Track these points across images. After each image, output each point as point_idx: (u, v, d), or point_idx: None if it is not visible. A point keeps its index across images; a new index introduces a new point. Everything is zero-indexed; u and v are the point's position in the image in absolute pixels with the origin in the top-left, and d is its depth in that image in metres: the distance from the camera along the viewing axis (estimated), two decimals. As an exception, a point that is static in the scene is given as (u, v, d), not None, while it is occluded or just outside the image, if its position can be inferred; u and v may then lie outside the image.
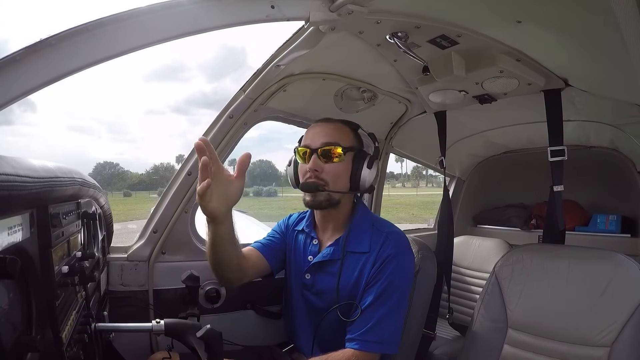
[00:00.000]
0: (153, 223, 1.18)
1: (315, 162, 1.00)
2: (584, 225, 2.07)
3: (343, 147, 1.00)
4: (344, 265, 1.00)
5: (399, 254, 0.97)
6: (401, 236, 1.02)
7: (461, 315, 1.83)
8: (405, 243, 1.01)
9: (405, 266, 0.98)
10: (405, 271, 0.98)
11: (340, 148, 1.00)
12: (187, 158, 1.21)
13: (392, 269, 0.95)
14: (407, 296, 1.00)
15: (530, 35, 0.99)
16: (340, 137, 1.02)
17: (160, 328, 0.78)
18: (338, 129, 1.04)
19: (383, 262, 0.96)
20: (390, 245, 0.98)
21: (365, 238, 1.01)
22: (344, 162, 1.01)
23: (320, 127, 1.04)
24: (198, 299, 1.18)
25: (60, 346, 0.54)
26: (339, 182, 1.01)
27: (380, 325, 0.92)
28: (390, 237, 1.00)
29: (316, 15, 0.87)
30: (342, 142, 1.01)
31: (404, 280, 0.98)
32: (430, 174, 42.46)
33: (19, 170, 0.42)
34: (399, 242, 1.00)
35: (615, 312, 0.96)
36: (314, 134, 1.03)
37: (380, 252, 0.98)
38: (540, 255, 1.13)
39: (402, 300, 0.97)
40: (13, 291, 0.46)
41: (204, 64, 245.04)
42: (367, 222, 1.05)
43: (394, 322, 0.95)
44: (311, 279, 1.04)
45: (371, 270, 0.97)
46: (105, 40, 0.67)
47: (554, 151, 1.20)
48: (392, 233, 1.01)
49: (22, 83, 0.59)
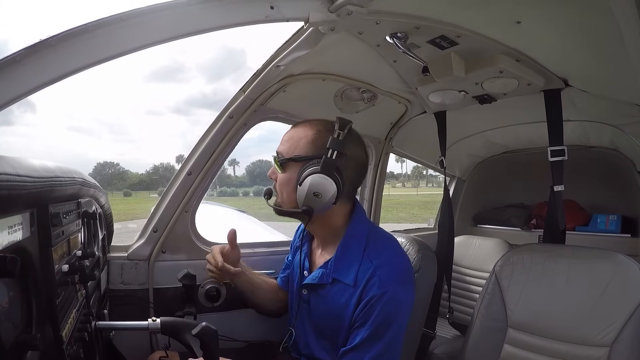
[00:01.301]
0: (153, 222, 1.19)
1: (272, 169, 0.96)
2: (584, 225, 2.07)
3: (282, 159, 0.92)
4: (331, 290, 0.93)
5: (387, 292, 0.85)
6: (392, 270, 0.88)
7: (461, 314, 1.82)
8: (396, 279, 0.87)
9: (396, 302, 0.86)
10: (396, 306, 0.86)
11: (276, 158, 0.94)
12: (187, 158, 1.22)
13: (378, 310, 0.84)
14: (402, 327, 0.88)
15: (530, 36, 0.99)
16: (289, 145, 0.93)
17: (156, 326, 0.78)
18: (295, 134, 0.94)
19: (368, 303, 0.85)
20: (377, 284, 0.85)
21: (353, 268, 0.90)
22: (287, 173, 0.92)
23: (286, 132, 0.98)
24: (194, 297, 1.18)
25: (60, 344, 0.54)
26: (284, 195, 0.94)
27: None
28: (378, 272, 0.87)
29: (316, 15, 0.88)
30: (285, 152, 0.93)
31: (395, 316, 0.86)
32: (430, 174, 42.48)
33: (19, 170, 0.43)
34: (387, 279, 0.86)
35: (615, 312, 0.96)
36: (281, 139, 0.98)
37: (366, 289, 0.86)
38: (540, 255, 1.13)
39: (395, 337, 0.86)
40: (13, 290, 0.46)
41: (203, 64, 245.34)
42: (359, 244, 0.92)
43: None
44: (307, 295, 1.00)
45: (357, 309, 0.87)
46: (106, 40, 0.67)
47: (554, 151, 1.20)
48: (382, 267, 0.87)
49: (22, 84, 0.59)
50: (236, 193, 46.84)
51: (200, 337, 0.73)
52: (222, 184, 48.66)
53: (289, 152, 0.92)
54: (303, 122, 0.97)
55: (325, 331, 0.96)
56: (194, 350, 0.74)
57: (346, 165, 0.90)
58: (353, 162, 0.92)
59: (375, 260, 0.89)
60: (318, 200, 0.87)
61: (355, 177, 0.95)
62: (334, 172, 0.87)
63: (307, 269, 1.03)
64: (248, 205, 21.95)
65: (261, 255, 1.35)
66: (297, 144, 0.92)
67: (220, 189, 45.03)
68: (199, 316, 1.18)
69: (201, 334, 0.73)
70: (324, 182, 0.86)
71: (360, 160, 0.95)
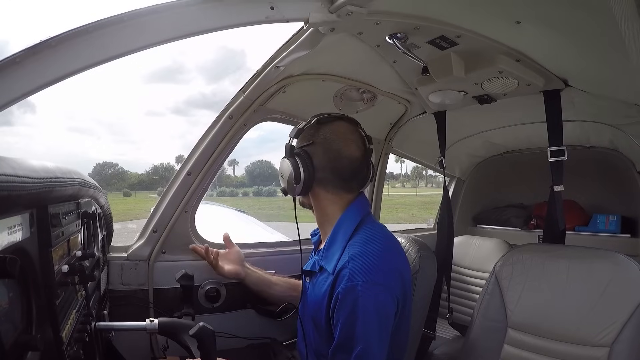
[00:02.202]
0: (153, 223, 1.19)
1: None
2: (584, 225, 2.07)
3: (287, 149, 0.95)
4: (319, 279, 0.93)
5: (355, 288, 0.80)
6: (364, 263, 0.83)
7: (461, 315, 1.82)
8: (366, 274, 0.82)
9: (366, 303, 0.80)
10: (367, 308, 0.80)
11: None
12: (187, 158, 1.22)
13: (350, 308, 0.81)
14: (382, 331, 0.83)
15: (530, 36, 0.99)
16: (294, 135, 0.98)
17: (153, 327, 0.78)
18: None
19: (338, 297, 0.83)
20: (346, 277, 0.82)
21: (335, 255, 0.89)
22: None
23: None
24: (192, 297, 1.18)
25: (60, 345, 0.54)
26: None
27: None
28: (350, 265, 0.83)
29: (316, 16, 0.88)
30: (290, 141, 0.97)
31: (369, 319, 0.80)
32: (430, 174, 42.45)
33: (19, 171, 0.43)
34: (356, 273, 0.82)
35: (615, 312, 0.96)
36: None
37: (337, 281, 0.85)
38: (540, 255, 1.13)
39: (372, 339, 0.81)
40: (13, 290, 0.46)
41: (203, 65, 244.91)
42: (346, 233, 0.91)
43: None
44: (308, 284, 1.02)
45: (331, 300, 0.85)
46: (105, 41, 0.67)
47: (554, 151, 1.20)
48: (355, 259, 0.84)
49: (22, 84, 0.59)
50: (236, 193, 46.84)
51: (198, 338, 0.73)
52: (221, 184, 48.67)
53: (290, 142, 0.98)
54: None
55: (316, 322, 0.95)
56: (192, 350, 0.74)
57: (314, 151, 0.93)
58: (321, 148, 0.93)
59: (352, 251, 0.86)
60: (285, 181, 0.94)
61: (328, 163, 0.93)
62: (293, 156, 0.92)
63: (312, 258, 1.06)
64: (248, 205, 21.99)
65: (261, 256, 1.35)
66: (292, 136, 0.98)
67: (220, 189, 45.03)
68: (199, 317, 1.18)
69: (198, 334, 0.73)
70: (284, 164, 0.94)
71: (329, 146, 0.93)
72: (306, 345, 0.99)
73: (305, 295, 1.02)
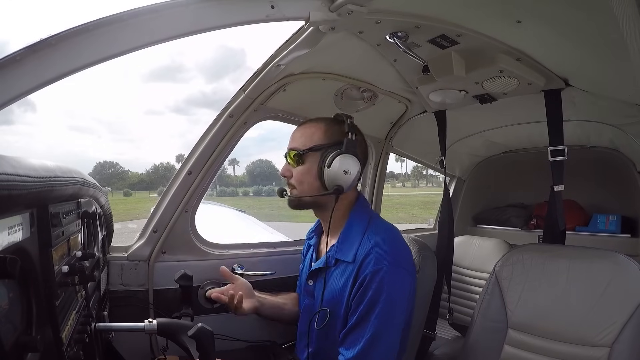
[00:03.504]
0: (153, 223, 1.18)
1: (285, 167, 1.04)
2: (584, 225, 2.07)
3: (300, 151, 0.99)
4: (333, 273, 0.98)
5: (381, 271, 0.88)
6: (388, 249, 0.92)
7: (461, 315, 1.82)
8: (392, 258, 0.90)
9: (391, 280, 0.88)
10: (391, 284, 0.88)
11: (294, 152, 1.00)
12: (187, 157, 1.21)
13: (374, 287, 0.87)
14: (401, 315, 0.90)
15: (530, 35, 0.99)
16: (304, 139, 1.00)
17: (152, 327, 0.78)
18: (306, 130, 1.02)
19: (364, 281, 0.89)
20: (373, 261, 0.89)
21: (353, 246, 0.95)
22: (306, 164, 0.99)
23: (295, 130, 1.05)
24: (191, 298, 1.18)
25: (60, 346, 0.54)
26: (304, 185, 1.00)
27: (368, 351, 0.87)
28: (375, 250, 0.90)
29: (316, 15, 0.88)
30: (301, 145, 1.00)
31: (391, 295, 0.88)
32: (430, 174, 42.47)
33: (19, 170, 0.42)
34: (383, 257, 0.89)
35: (615, 312, 0.96)
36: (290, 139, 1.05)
37: (362, 267, 0.90)
38: (540, 255, 1.13)
39: (390, 321, 0.88)
40: (13, 291, 0.46)
41: (203, 64, 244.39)
42: (360, 226, 0.98)
43: (384, 346, 0.88)
44: (313, 286, 1.04)
45: (354, 287, 0.91)
46: (105, 40, 0.67)
47: (554, 151, 1.20)
48: (378, 245, 0.91)
49: (22, 83, 0.59)
50: (236, 193, 46.84)
51: (196, 338, 0.73)
52: (221, 184, 48.64)
53: (305, 145, 1.00)
54: (309, 121, 1.06)
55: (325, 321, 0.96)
56: (190, 351, 0.73)
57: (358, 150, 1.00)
58: (360, 148, 1.02)
59: (373, 240, 0.93)
60: (346, 177, 0.95)
61: (363, 163, 1.02)
62: (356, 151, 0.97)
63: (314, 260, 1.06)
64: (248, 205, 21.99)
65: (261, 256, 1.35)
66: (311, 137, 1.00)
67: (220, 188, 45.03)
68: (200, 318, 1.17)
69: (197, 335, 0.73)
70: (351, 160, 0.95)
71: (363, 148, 1.05)
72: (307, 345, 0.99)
73: (312, 299, 1.03)
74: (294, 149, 1.01)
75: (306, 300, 1.06)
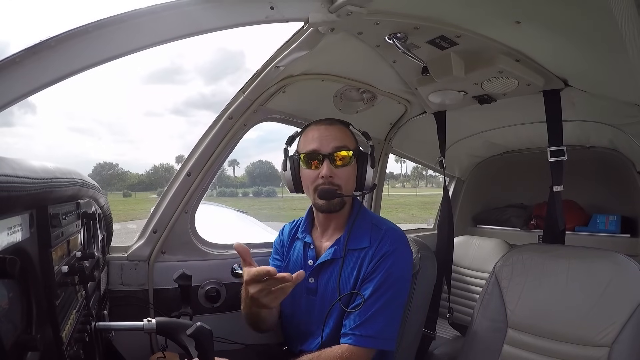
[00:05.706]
0: (153, 223, 1.19)
1: (329, 168, 0.99)
2: (584, 225, 2.07)
3: (352, 150, 1.03)
4: (345, 262, 1.00)
5: (397, 250, 0.98)
6: (399, 233, 1.03)
7: (461, 315, 1.82)
8: (403, 240, 1.02)
9: (403, 263, 0.99)
10: (403, 268, 0.99)
11: (351, 152, 1.02)
12: (187, 158, 1.22)
13: (389, 264, 0.96)
14: (405, 293, 1.00)
15: (530, 36, 0.99)
16: (346, 139, 1.04)
17: (151, 326, 0.78)
18: (342, 130, 1.04)
19: (380, 258, 0.97)
20: (389, 242, 0.99)
21: (366, 235, 1.02)
22: (351, 164, 1.03)
23: (326, 130, 1.03)
24: (190, 297, 1.18)
25: (60, 345, 0.54)
26: (349, 185, 1.04)
27: (375, 320, 0.92)
28: (389, 233, 1.01)
29: (315, 16, 0.88)
30: (349, 145, 1.03)
31: (402, 277, 0.98)
32: (430, 174, 42.49)
33: (19, 172, 0.42)
34: (396, 238, 1.00)
35: (615, 312, 0.96)
36: (321, 138, 1.01)
37: (378, 247, 0.99)
38: (540, 255, 1.13)
39: (398, 296, 0.97)
40: (13, 290, 0.46)
41: (202, 66, 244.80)
42: (367, 220, 1.05)
43: (390, 317, 0.94)
44: (315, 283, 1.03)
45: (369, 266, 0.98)
46: (105, 41, 0.67)
47: (554, 151, 1.20)
48: (390, 230, 1.03)
49: (22, 85, 0.59)
50: (236, 193, 46.85)
51: (195, 337, 0.73)
52: (221, 185, 48.62)
53: (353, 144, 1.05)
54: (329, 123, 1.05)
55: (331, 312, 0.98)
56: (189, 350, 0.73)
57: None
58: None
59: (383, 227, 1.04)
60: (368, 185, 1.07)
61: None
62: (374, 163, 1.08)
63: (313, 257, 1.06)
64: (248, 205, 21.98)
65: (261, 256, 1.35)
66: (350, 138, 1.06)
67: (220, 189, 45.02)
68: (199, 317, 1.18)
69: (196, 334, 0.73)
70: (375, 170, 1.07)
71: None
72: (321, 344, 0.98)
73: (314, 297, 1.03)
74: (345, 148, 1.01)
75: (313, 300, 1.03)
